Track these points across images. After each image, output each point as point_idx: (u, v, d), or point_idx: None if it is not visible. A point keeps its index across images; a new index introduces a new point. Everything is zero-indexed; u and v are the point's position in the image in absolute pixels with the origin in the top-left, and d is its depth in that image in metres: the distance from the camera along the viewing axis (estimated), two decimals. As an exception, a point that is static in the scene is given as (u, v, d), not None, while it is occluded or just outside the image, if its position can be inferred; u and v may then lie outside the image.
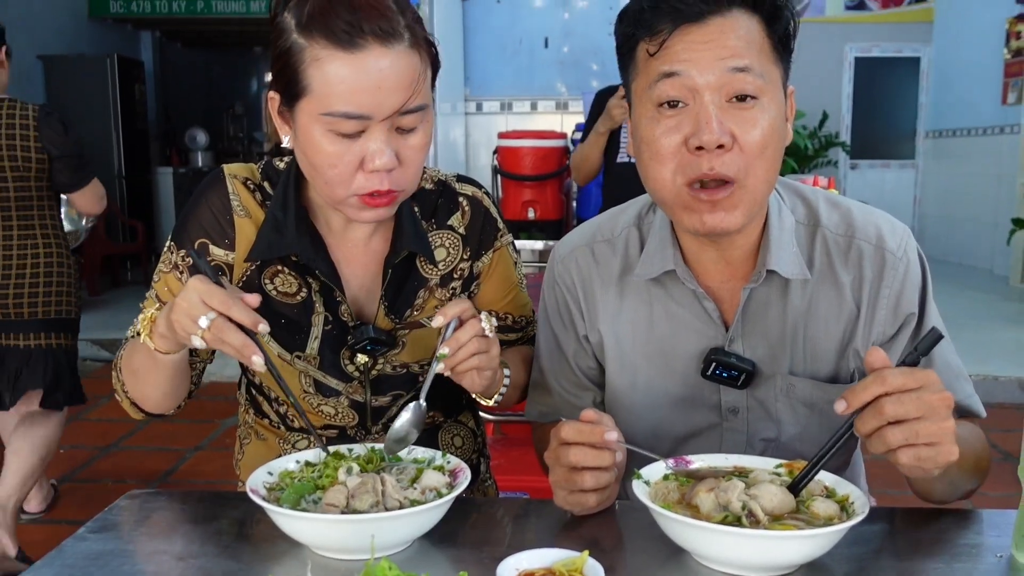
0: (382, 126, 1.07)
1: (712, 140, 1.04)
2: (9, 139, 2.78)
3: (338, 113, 1.06)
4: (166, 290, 1.26)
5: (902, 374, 0.91)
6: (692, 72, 1.05)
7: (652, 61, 1.08)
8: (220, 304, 1.01)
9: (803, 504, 0.99)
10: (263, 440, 1.40)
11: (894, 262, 1.18)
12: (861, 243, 1.19)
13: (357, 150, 1.08)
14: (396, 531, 0.96)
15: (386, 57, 1.05)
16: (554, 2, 5.95)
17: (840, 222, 1.20)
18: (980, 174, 8.50)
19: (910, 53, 9.75)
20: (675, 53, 1.06)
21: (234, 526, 1.10)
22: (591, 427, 1.05)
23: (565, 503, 1.08)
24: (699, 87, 1.05)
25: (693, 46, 1.05)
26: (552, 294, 1.33)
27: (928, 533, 1.08)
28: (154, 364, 1.16)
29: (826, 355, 1.20)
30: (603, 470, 1.05)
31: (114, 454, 4.07)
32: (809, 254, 1.19)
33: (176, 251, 1.25)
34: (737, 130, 1.05)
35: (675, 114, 1.07)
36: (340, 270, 1.25)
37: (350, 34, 1.04)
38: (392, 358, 1.29)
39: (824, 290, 1.18)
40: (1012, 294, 7.15)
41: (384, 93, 1.06)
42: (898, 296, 1.18)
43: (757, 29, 1.07)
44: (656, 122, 1.08)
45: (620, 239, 1.28)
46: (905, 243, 1.20)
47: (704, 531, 0.93)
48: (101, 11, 9.61)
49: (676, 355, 1.23)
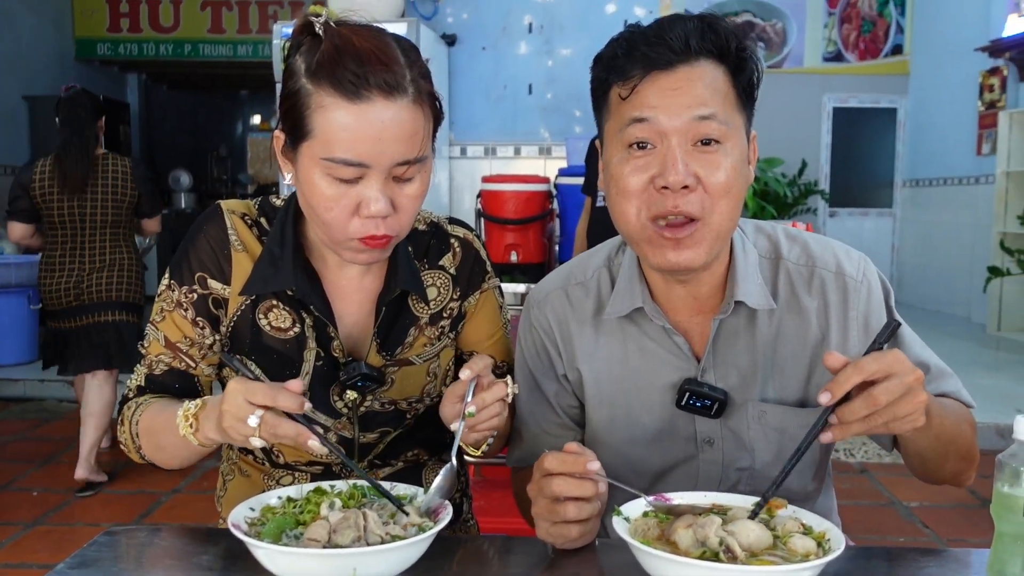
0: (380, 174, 1.11)
1: (677, 181, 1.10)
2: (113, 181, 4.11)
3: (338, 159, 1.09)
4: (174, 328, 1.27)
5: (875, 360, 0.98)
6: (660, 118, 1.11)
7: (623, 105, 1.14)
8: (265, 399, 1.02)
9: (780, 541, 1.00)
10: (247, 476, 1.40)
11: (855, 286, 1.25)
12: (822, 272, 1.25)
13: (354, 195, 1.11)
14: (378, 565, 0.96)
15: (388, 110, 1.09)
16: (538, 50, 6.06)
17: (800, 254, 1.27)
18: (956, 223, 8.63)
19: (887, 104, 9.94)
20: (645, 99, 1.12)
21: (216, 561, 1.10)
22: (574, 457, 1.06)
23: (548, 535, 1.09)
24: (667, 131, 1.11)
25: (662, 92, 1.11)
26: (529, 338, 1.36)
27: (905, 570, 1.10)
28: (190, 449, 1.18)
29: (795, 381, 1.25)
30: (586, 500, 1.06)
31: (88, 497, 4.01)
32: (773, 285, 1.25)
33: (178, 288, 1.27)
34: (701, 172, 1.11)
35: (643, 155, 1.13)
36: (334, 306, 1.27)
37: (356, 85, 1.07)
38: (381, 395, 1.31)
39: (789, 318, 1.24)
40: (989, 341, 7.21)
41: (384, 144, 1.09)
42: (866, 317, 1.25)
43: (723, 79, 1.13)
44: (625, 162, 1.14)
45: (592, 281, 1.33)
46: (863, 268, 1.26)
47: (682, 566, 0.93)
48: (88, 53, 9.68)
49: (651, 388, 1.27)
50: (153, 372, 1.29)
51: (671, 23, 1.14)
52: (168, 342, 1.27)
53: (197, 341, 1.27)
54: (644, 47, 1.12)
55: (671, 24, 1.13)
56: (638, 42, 1.13)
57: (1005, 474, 0.98)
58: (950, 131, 8.85)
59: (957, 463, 1.23)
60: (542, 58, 6.05)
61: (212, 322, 1.28)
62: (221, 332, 1.28)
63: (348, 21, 1.14)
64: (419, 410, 1.35)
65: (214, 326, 1.28)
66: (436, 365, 1.35)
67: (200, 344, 1.28)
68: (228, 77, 11.09)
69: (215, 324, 1.28)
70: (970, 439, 1.24)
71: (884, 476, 4.13)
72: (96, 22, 9.68)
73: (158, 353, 1.28)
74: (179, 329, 1.27)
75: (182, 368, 1.28)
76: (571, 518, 1.06)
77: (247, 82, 11.73)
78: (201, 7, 9.73)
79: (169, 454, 1.24)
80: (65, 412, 5.42)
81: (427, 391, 1.35)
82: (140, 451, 1.27)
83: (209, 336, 1.28)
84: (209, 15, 9.74)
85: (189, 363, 1.28)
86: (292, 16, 5.77)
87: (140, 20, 9.73)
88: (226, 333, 1.28)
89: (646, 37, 1.13)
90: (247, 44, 9.73)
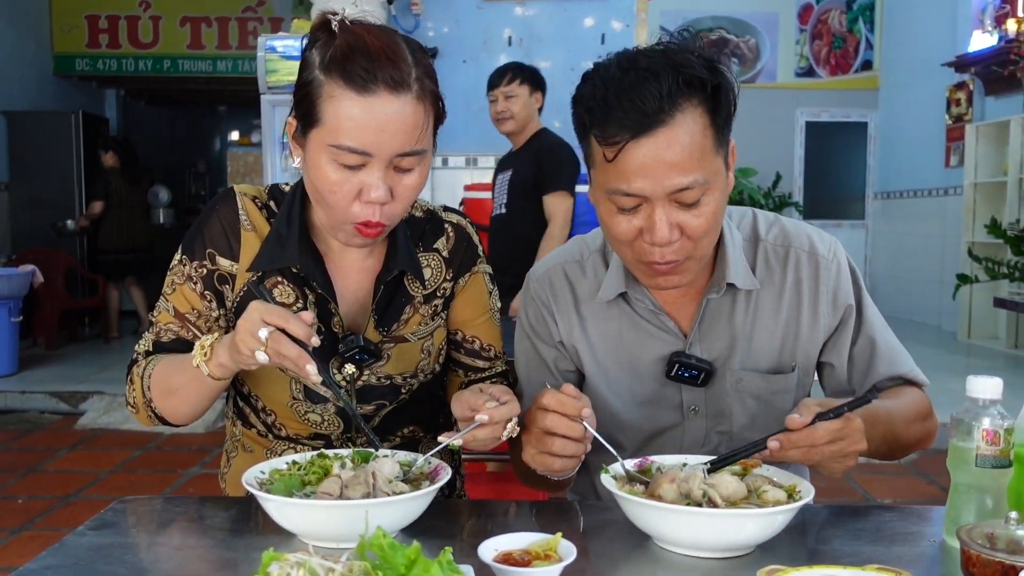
0: (381, 163, 1.20)
1: (663, 239, 1.19)
2: None
3: (344, 147, 1.18)
4: (183, 300, 1.35)
5: (829, 434, 1.11)
6: (644, 190, 1.18)
7: (607, 167, 1.20)
8: (278, 319, 1.11)
9: (753, 494, 1.09)
10: (250, 452, 1.46)
11: (826, 264, 1.37)
12: (797, 251, 1.37)
13: (356, 181, 1.20)
14: (385, 517, 1.03)
15: (393, 104, 1.17)
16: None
17: (778, 234, 1.39)
18: (926, 234, 8.81)
19: (858, 118, 10.14)
20: (627, 168, 1.17)
21: (227, 523, 1.17)
22: (571, 401, 1.16)
23: (532, 460, 1.19)
24: (649, 197, 1.19)
25: (642, 164, 1.16)
26: (530, 309, 1.46)
27: (870, 524, 1.18)
28: (201, 386, 1.25)
29: (769, 351, 1.37)
30: (572, 440, 1.15)
31: (73, 503, 4.02)
32: (752, 263, 1.37)
33: (189, 263, 1.35)
34: (684, 222, 1.20)
35: (630, 214, 1.22)
36: (335, 284, 1.36)
37: (364, 79, 1.16)
38: (377, 369, 1.38)
39: (766, 294, 1.36)
40: (959, 348, 7.37)
41: (387, 135, 1.18)
42: (835, 292, 1.37)
43: (701, 122, 1.17)
44: (613, 213, 1.23)
45: (588, 262, 1.44)
46: (834, 249, 1.39)
47: (668, 512, 1.02)
48: (67, 68, 9.67)
49: (642, 360, 1.38)
50: (161, 339, 1.36)
51: (643, 82, 1.15)
52: (177, 312, 1.36)
53: (204, 313, 1.36)
54: (620, 113, 1.15)
55: (643, 83, 1.15)
56: (613, 107, 1.16)
57: (959, 429, 1.08)
58: (919, 144, 9.05)
59: (914, 444, 1.36)
60: (522, 71, 6.16)
61: (218, 297, 1.36)
62: (227, 307, 1.36)
63: (362, 21, 1.23)
64: (413, 385, 1.42)
65: (220, 300, 1.36)
66: (430, 343, 1.43)
67: (207, 316, 1.36)
68: (207, 93, 11.10)
69: (220, 299, 1.36)
70: (922, 423, 1.36)
71: (858, 474, 4.22)
72: (75, 38, 9.68)
73: (167, 322, 1.36)
74: (188, 301, 1.35)
75: (188, 338, 1.35)
76: (556, 452, 1.15)
77: (226, 97, 11.74)
78: (180, 23, 9.76)
79: (179, 398, 1.30)
80: (48, 423, 5.42)
81: (421, 367, 1.42)
82: (150, 404, 1.33)
83: (216, 309, 1.36)
84: (188, 31, 9.77)
85: (196, 333, 1.35)
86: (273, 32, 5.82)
87: (119, 36, 9.74)
88: (232, 308, 1.36)
89: (621, 101, 1.15)
90: (226, 60, 9.76)
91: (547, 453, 1.16)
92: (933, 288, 8.45)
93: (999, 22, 7.60)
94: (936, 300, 8.40)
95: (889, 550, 1.08)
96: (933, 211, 8.72)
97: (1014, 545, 0.94)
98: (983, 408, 1.07)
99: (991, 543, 0.94)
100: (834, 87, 10.16)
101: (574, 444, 1.16)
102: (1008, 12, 7.53)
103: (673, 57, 1.17)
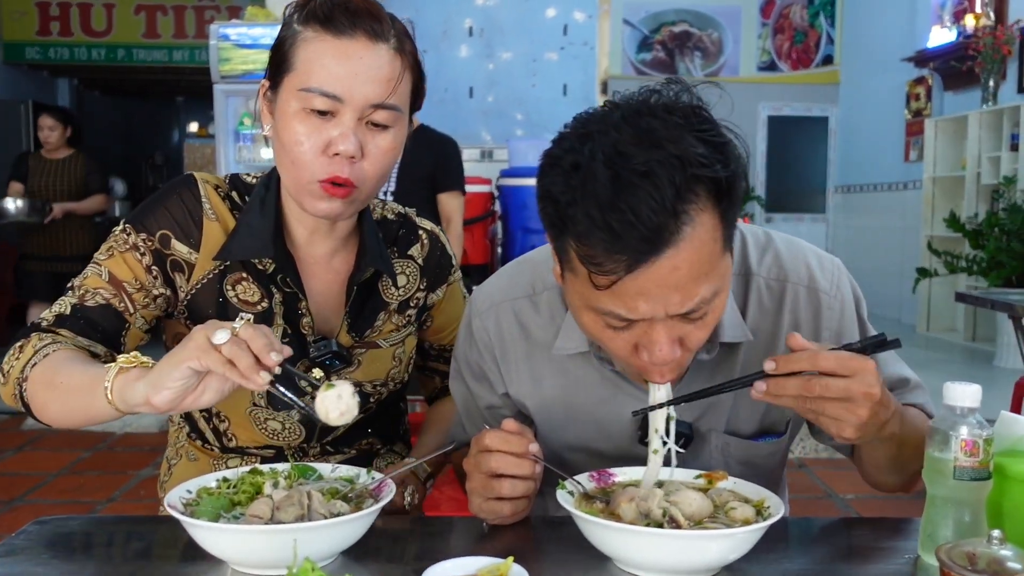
0: (352, 114, 1.13)
1: (664, 359, 0.98)
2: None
3: (314, 89, 1.12)
4: (124, 268, 1.22)
5: (836, 359, 0.94)
6: (645, 315, 0.95)
7: (598, 292, 0.95)
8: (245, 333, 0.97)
9: (720, 511, 1.02)
10: (194, 461, 1.36)
11: (829, 302, 1.17)
12: (795, 286, 1.17)
13: (325, 134, 1.13)
14: (320, 542, 0.95)
15: (369, 50, 1.14)
16: (479, 53, 6.05)
17: (772, 265, 1.17)
18: (886, 227, 8.88)
19: (819, 113, 10.20)
20: (625, 295, 0.93)
21: (151, 548, 1.07)
22: (516, 438, 1.06)
23: (480, 510, 1.08)
24: (650, 319, 0.96)
25: (646, 287, 0.92)
26: (469, 351, 1.26)
27: (843, 540, 1.13)
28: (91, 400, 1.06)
29: (759, 408, 1.18)
30: (522, 479, 1.06)
31: (18, 508, 3.87)
32: (743, 305, 1.16)
33: (136, 234, 1.23)
34: (687, 335, 0.99)
35: (623, 330, 0.99)
36: (305, 284, 1.28)
37: (343, 25, 1.13)
38: (346, 376, 1.30)
39: (759, 347, 1.15)
40: (919, 341, 7.42)
41: (360, 80, 1.13)
42: (838, 333, 1.17)
43: (710, 229, 0.93)
44: (601, 328, 1.00)
45: (542, 299, 1.21)
46: (837, 280, 1.19)
47: (627, 534, 0.94)
48: (16, 56, 9.42)
49: (610, 420, 1.19)
50: (84, 303, 1.20)
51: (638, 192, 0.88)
52: (113, 278, 1.21)
53: (146, 286, 1.23)
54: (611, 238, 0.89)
55: (639, 194, 0.88)
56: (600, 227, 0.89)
57: (935, 439, 1.01)
58: (879, 139, 9.12)
59: (912, 474, 1.18)
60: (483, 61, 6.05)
61: (166, 279, 1.24)
62: (178, 296, 1.26)
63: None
64: (383, 394, 1.35)
65: (167, 283, 1.25)
66: (401, 351, 1.37)
67: (148, 291, 1.23)
68: (164, 83, 10.91)
69: (169, 283, 1.25)
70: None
71: (821, 470, 4.22)
72: (25, 25, 9.44)
73: (96, 286, 1.21)
74: (130, 270, 1.22)
75: (119, 309, 1.21)
76: (505, 495, 1.05)
77: (183, 88, 11.54)
78: (135, 11, 9.57)
79: (61, 401, 1.11)
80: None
81: (391, 375, 1.36)
82: (22, 382, 1.14)
83: (159, 288, 1.24)
84: (144, 20, 9.58)
85: (128, 306, 1.22)
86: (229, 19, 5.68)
87: (71, 24, 9.51)
88: (184, 299, 1.26)
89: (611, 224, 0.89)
90: (183, 49, 9.58)
91: (495, 499, 1.06)
92: (893, 281, 8.51)
93: (958, 17, 7.67)
94: (896, 293, 8.46)
95: (863, 569, 1.02)
96: (893, 205, 8.79)
97: (996, 565, 0.88)
98: (961, 417, 1.00)
99: (972, 564, 0.88)
100: (795, 81, 10.19)
101: (523, 483, 1.06)
102: (966, 7, 7.59)
103: (673, 146, 0.89)
